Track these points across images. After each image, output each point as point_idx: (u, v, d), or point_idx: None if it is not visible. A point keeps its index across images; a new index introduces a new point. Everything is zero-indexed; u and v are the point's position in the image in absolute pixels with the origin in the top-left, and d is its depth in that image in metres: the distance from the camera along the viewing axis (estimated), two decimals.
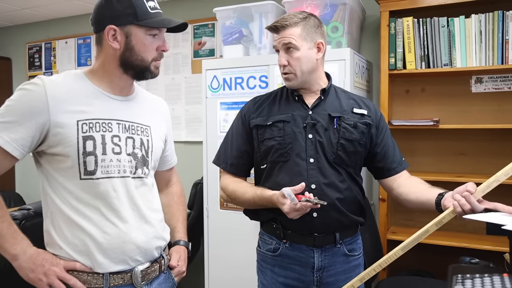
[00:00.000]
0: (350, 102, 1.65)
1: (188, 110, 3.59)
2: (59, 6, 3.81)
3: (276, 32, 1.60)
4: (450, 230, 2.69)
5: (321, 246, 1.58)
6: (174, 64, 3.64)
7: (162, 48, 1.33)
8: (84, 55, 4.08)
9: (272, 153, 1.60)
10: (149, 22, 1.28)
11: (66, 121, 1.22)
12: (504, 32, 2.41)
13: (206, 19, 3.47)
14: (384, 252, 2.61)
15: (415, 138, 2.80)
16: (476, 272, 1.06)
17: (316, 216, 1.53)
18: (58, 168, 1.25)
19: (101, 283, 1.25)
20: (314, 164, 1.55)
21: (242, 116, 1.70)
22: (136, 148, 1.34)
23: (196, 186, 3.00)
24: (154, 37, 1.31)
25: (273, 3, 2.67)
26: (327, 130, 1.58)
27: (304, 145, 1.57)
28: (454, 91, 2.72)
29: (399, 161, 1.70)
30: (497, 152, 2.64)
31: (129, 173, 1.31)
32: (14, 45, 4.50)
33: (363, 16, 2.89)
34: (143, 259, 1.32)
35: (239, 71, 2.65)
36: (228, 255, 2.67)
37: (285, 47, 1.58)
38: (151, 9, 1.29)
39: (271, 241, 1.64)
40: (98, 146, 1.25)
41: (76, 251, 1.24)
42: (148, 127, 1.40)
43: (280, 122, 1.60)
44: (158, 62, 1.35)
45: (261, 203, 1.56)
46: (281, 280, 1.61)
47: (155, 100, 1.53)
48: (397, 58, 2.61)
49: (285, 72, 1.60)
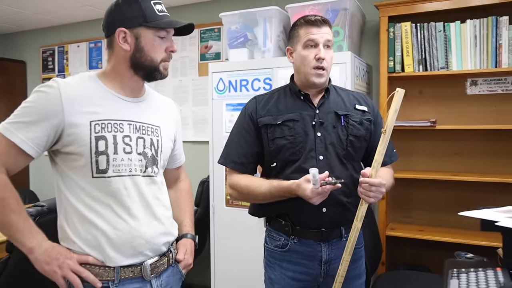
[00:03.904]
0: (351, 99, 1.67)
1: (195, 111, 3.61)
2: (71, 12, 3.83)
3: (317, 26, 1.58)
4: (446, 226, 2.70)
5: (328, 240, 1.59)
6: (182, 67, 3.65)
7: (170, 49, 1.34)
8: (95, 58, 4.10)
9: (284, 152, 1.58)
10: (157, 23, 1.29)
11: (80, 121, 1.23)
12: (498, 37, 2.41)
13: (213, 23, 3.47)
14: (383, 247, 2.62)
15: (413, 138, 2.80)
16: (470, 267, 1.07)
17: (325, 211, 1.54)
18: (72, 167, 1.26)
19: (112, 276, 1.26)
20: (323, 161, 1.55)
21: (249, 115, 1.66)
22: (146, 148, 1.34)
23: (203, 184, 3.01)
24: (162, 38, 1.32)
25: (277, 8, 2.68)
26: (335, 128, 1.59)
27: (313, 143, 1.57)
28: (450, 93, 2.72)
29: (390, 154, 1.69)
30: (491, 151, 2.64)
31: (139, 171, 1.32)
32: (28, 49, 4.52)
33: (363, 21, 2.90)
34: (152, 253, 1.33)
35: (244, 74, 2.66)
36: (233, 250, 2.68)
37: (326, 44, 1.58)
38: (159, 12, 1.31)
39: (279, 237, 1.63)
40: (110, 146, 1.26)
41: (88, 246, 1.25)
42: (158, 127, 1.41)
43: (290, 121, 1.59)
44: (167, 63, 1.35)
45: (278, 194, 1.53)
46: (289, 275, 1.61)
47: (165, 101, 1.53)
48: (396, 61, 2.61)
49: (322, 67, 1.57)
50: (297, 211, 1.56)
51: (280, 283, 1.63)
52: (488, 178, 2.46)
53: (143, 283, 1.31)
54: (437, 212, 2.76)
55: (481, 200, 2.39)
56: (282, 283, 1.62)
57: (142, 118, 1.36)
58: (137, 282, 1.30)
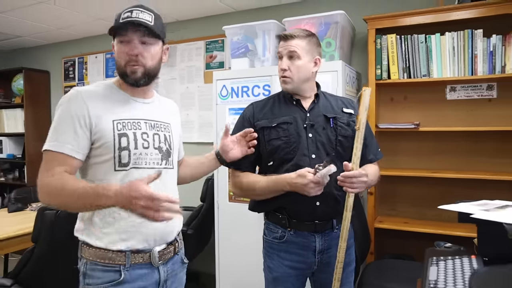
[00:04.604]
0: (339, 104, 1.67)
1: (201, 115, 3.61)
2: (89, 26, 3.85)
3: (284, 40, 1.60)
4: (428, 219, 2.70)
5: (321, 231, 1.59)
6: (189, 75, 3.65)
7: (130, 52, 1.26)
8: (111, 68, 4.11)
9: (279, 152, 1.59)
10: (115, 31, 1.26)
11: (104, 119, 1.25)
12: (473, 48, 2.42)
13: (217, 35, 3.48)
14: (372, 238, 2.62)
15: (399, 139, 2.80)
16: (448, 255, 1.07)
17: (318, 204, 1.54)
18: (97, 161, 1.27)
19: (123, 260, 1.26)
20: (315, 159, 1.55)
21: (247, 119, 1.67)
22: (161, 143, 1.36)
23: (208, 182, 3.01)
24: (123, 44, 1.26)
25: (275, 22, 2.68)
26: (325, 129, 1.59)
27: (306, 143, 1.57)
28: (432, 98, 2.72)
29: (375, 153, 1.71)
30: (468, 151, 2.64)
31: (155, 164, 1.33)
32: (52, 60, 4.54)
33: (353, 33, 2.90)
34: (160, 241, 1.33)
35: (245, 81, 2.67)
36: (235, 242, 2.68)
37: (289, 55, 1.59)
38: (122, 20, 1.25)
39: (277, 229, 1.63)
40: (131, 142, 1.27)
41: (104, 233, 1.26)
42: (169, 124, 1.43)
43: (284, 124, 1.60)
44: (133, 67, 1.27)
45: (274, 188, 1.53)
46: (286, 263, 1.62)
47: (169, 103, 1.54)
48: (383, 69, 2.62)
49: (284, 76, 1.60)
50: (292, 205, 1.56)
51: (278, 271, 1.63)
52: (466, 175, 2.46)
53: (151, 269, 1.31)
54: (420, 206, 2.76)
55: (460, 195, 2.39)
56: (279, 271, 1.63)
57: (155, 117, 1.38)
58: (146, 267, 1.30)
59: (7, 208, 3.24)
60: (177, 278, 1.42)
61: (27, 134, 4.27)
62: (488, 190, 2.44)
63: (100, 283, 1.24)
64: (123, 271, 1.25)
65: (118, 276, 1.25)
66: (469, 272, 0.88)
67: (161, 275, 1.34)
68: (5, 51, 4.86)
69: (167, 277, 1.36)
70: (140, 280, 1.28)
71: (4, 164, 4.62)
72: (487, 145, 2.59)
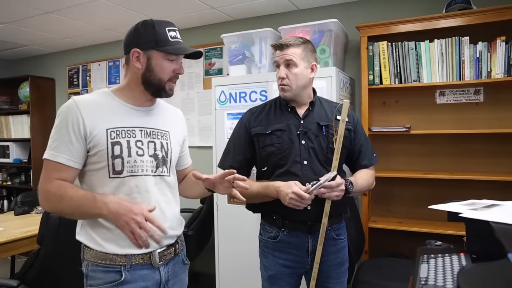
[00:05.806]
0: (333, 111, 1.65)
1: (201, 120, 3.61)
2: (93, 35, 3.85)
3: (280, 50, 1.59)
4: (420, 218, 2.70)
5: (313, 232, 1.58)
6: (189, 82, 3.66)
7: (177, 71, 1.33)
8: (114, 75, 4.11)
9: (272, 158, 1.59)
10: (167, 48, 1.28)
11: (98, 128, 1.24)
12: (461, 54, 2.44)
13: (215, 43, 3.49)
14: (366, 237, 2.62)
15: (391, 142, 2.81)
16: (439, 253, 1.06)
17: (310, 208, 1.54)
18: (92, 169, 1.27)
19: (124, 261, 1.25)
20: (307, 165, 1.55)
21: (243, 125, 1.68)
22: (157, 150, 1.34)
23: None
24: (171, 61, 1.31)
25: (271, 30, 2.70)
26: (317, 137, 1.58)
27: (298, 149, 1.57)
28: (422, 102, 2.73)
29: (370, 158, 1.70)
30: (457, 153, 2.65)
31: (150, 171, 1.31)
32: (57, 68, 4.54)
33: (346, 40, 2.91)
34: (159, 244, 1.31)
35: (242, 87, 2.67)
36: (235, 242, 2.68)
37: (286, 63, 1.58)
38: (171, 38, 1.29)
39: (271, 229, 1.64)
40: (124, 150, 1.26)
41: (103, 239, 1.25)
42: (167, 132, 1.41)
43: (278, 131, 1.59)
44: (172, 84, 1.34)
45: (264, 193, 1.54)
46: (281, 262, 1.62)
47: (173, 110, 1.53)
48: (375, 75, 2.63)
49: (283, 84, 1.59)
50: (286, 207, 1.56)
51: (273, 270, 1.63)
52: (455, 176, 2.47)
53: (152, 270, 1.30)
54: (413, 206, 2.76)
55: (450, 195, 2.38)
56: (274, 270, 1.63)
57: (153, 125, 1.36)
58: (146, 268, 1.29)
59: (13, 211, 3.24)
60: (178, 279, 1.41)
61: (33, 140, 4.26)
62: (476, 190, 2.45)
63: (101, 284, 1.24)
64: (124, 272, 1.25)
65: (119, 276, 1.24)
66: (457, 268, 0.88)
67: (162, 275, 1.33)
68: (12, 59, 4.86)
69: (168, 278, 1.35)
70: (141, 280, 1.27)
71: (11, 168, 4.61)
72: (475, 147, 2.60)
